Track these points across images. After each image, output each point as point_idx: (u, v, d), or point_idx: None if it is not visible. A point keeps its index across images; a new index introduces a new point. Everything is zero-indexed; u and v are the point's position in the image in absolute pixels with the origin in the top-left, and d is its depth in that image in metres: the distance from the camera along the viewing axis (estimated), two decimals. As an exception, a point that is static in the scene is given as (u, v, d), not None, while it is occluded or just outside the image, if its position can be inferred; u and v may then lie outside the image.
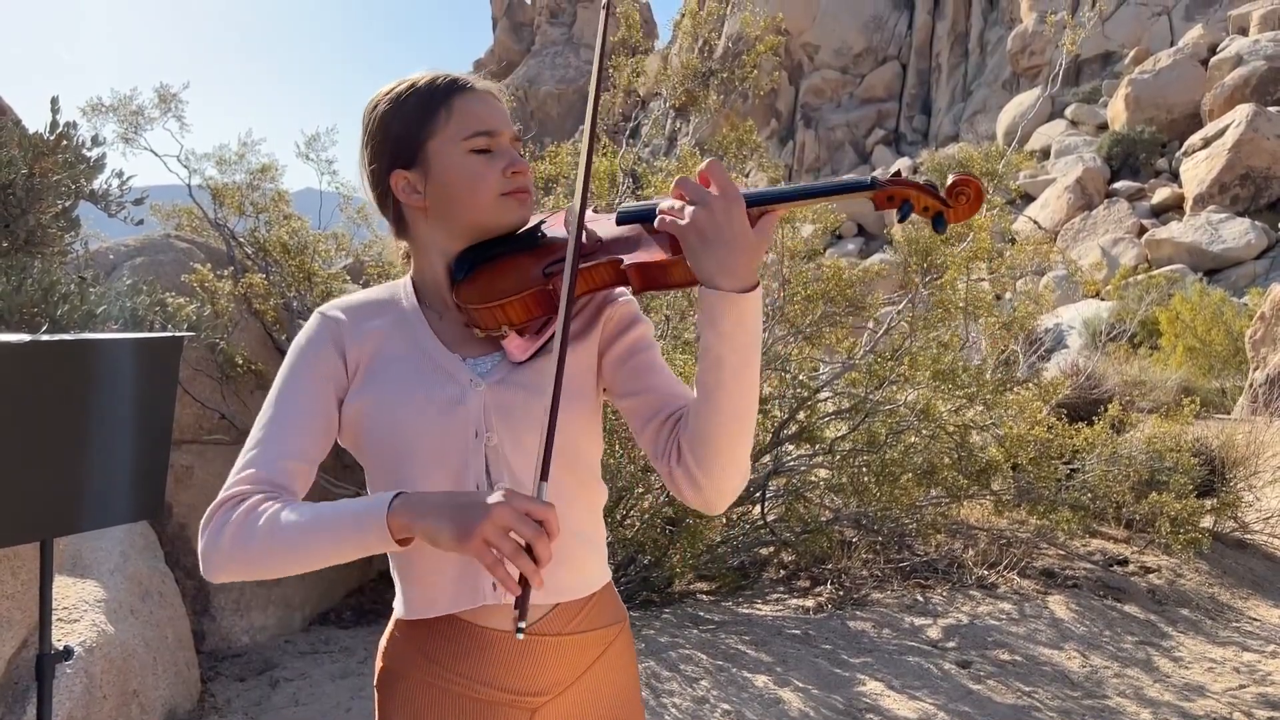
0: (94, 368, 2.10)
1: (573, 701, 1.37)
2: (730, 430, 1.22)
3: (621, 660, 1.43)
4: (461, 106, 1.33)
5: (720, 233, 1.16)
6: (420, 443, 1.28)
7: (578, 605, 1.37)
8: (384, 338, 1.35)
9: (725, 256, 1.16)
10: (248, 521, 1.18)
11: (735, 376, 1.20)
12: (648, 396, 1.33)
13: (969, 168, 6.25)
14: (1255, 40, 29.65)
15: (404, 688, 1.35)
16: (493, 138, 1.33)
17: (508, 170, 1.33)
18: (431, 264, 1.37)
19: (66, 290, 2.61)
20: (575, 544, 1.34)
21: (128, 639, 3.28)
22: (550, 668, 1.34)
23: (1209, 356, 15.72)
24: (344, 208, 5.74)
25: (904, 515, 5.47)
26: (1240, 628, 5.24)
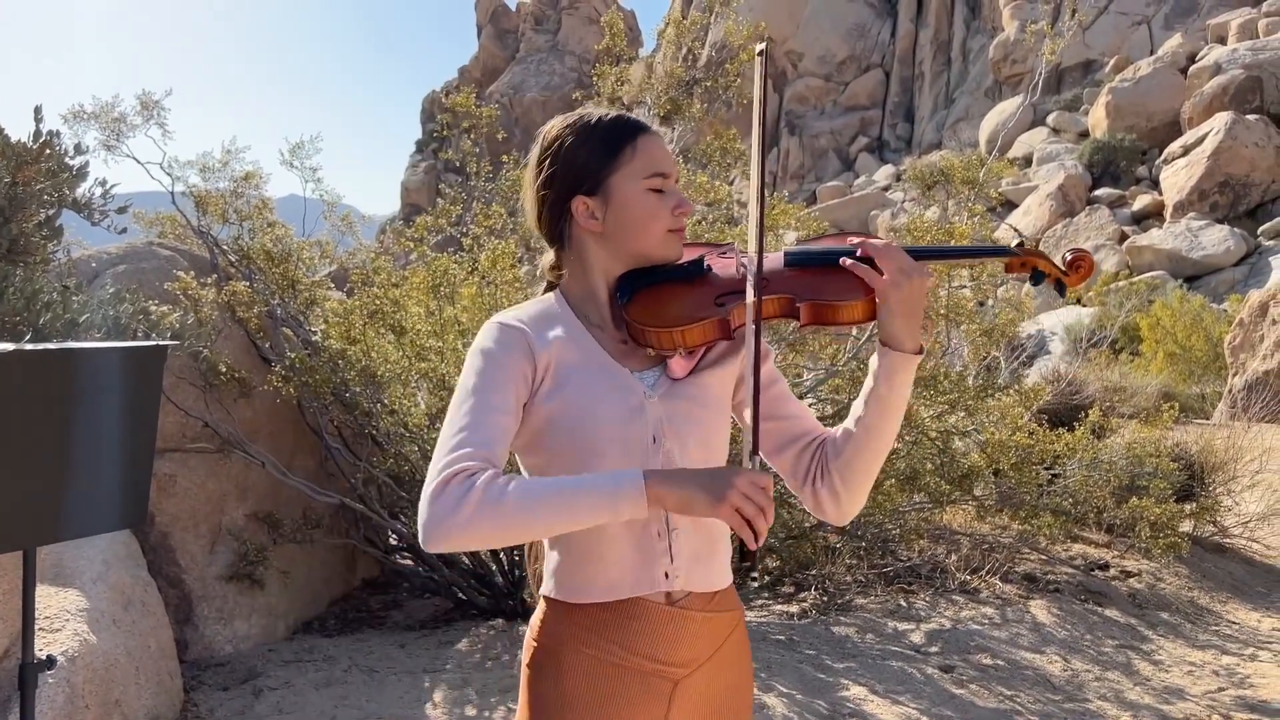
0: (77, 377, 2.10)
1: (706, 676, 1.51)
2: (878, 459, 1.49)
3: (741, 646, 1.59)
4: (644, 147, 1.50)
5: (916, 305, 1.43)
6: (610, 445, 1.44)
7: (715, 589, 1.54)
8: (562, 348, 1.47)
9: (913, 325, 1.43)
10: (490, 491, 1.29)
11: (893, 419, 1.47)
12: (787, 423, 1.56)
13: (950, 175, 6.30)
14: (1233, 49, 29.96)
15: (559, 663, 1.47)
16: (666, 179, 1.50)
17: (676, 210, 1.50)
18: (593, 282, 1.52)
19: (49, 299, 2.61)
20: (719, 539, 1.53)
21: (110, 648, 3.27)
22: (692, 641, 1.49)
23: (1189, 362, 15.86)
24: (328, 215, 5.73)
25: (887, 521, 5.50)
26: (1219, 631, 5.29)
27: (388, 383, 4.93)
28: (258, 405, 4.86)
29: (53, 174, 2.76)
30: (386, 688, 4.03)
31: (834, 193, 38.69)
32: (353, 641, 4.74)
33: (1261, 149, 25.59)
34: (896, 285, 1.41)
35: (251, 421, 4.82)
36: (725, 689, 1.54)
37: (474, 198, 5.67)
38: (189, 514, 4.53)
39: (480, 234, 5.31)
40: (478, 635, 4.65)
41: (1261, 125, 26.05)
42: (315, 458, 5.34)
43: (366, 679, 4.14)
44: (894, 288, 1.41)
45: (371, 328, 4.89)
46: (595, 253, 1.51)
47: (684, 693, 1.49)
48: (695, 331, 1.45)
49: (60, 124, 5.08)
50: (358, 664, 4.32)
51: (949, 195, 6.07)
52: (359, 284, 5.08)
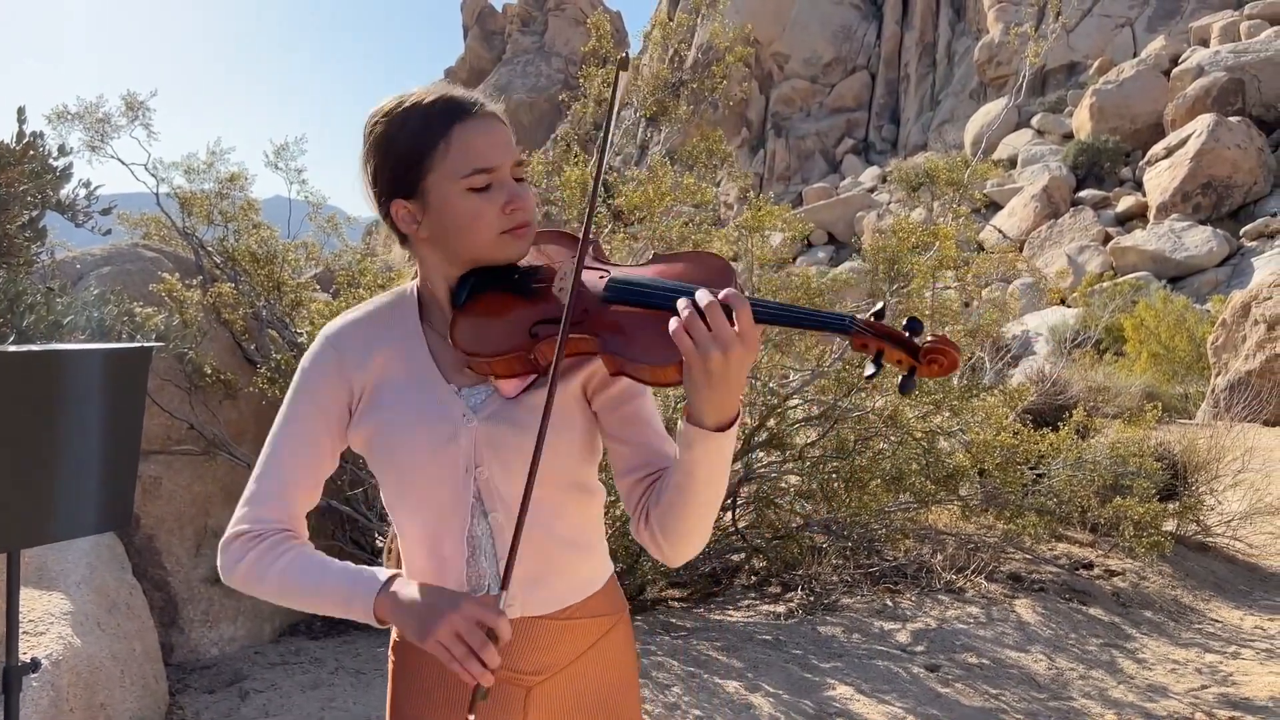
0: (61, 378, 2.10)
1: (565, 683, 1.45)
2: (695, 517, 1.30)
3: (617, 649, 1.50)
4: (460, 139, 1.31)
5: (726, 380, 1.17)
6: (417, 474, 1.36)
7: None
8: (387, 362, 1.39)
9: (721, 399, 1.19)
10: (260, 564, 1.34)
11: (706, 484, 1.27)
12: (633, 448, 1.39)
13: (935, 177, 6.33)
14: (1216, 51, 30.19)
15: (412, 658, 1.45)
16: (492, 173, 1.32)
17: (507, 208, 1.32)
18: (433, 287, 1.40)
19: (33, 300, 2.60)
20: (566, 554, 1.43)
21: (94, 651, 3.25)
22: (546, 650, 1.43)
23: (1172, 362, 15.97)
24: (313, 217, 5.72)
25: (873, 521, 5.52)
26: (1202, 629, 5.34)
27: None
28: (243, 407, 4.84)
29: (36, 175, 2.75)
30: (373, 690, 4.02)
31: (820, 194, 38.80)
32: (339, 644, 4.73)
33: (1244, 150, 25.80)
34: (704, 355, 1.16)
35: (237, 423, 4.80)
36: (596, 693, 1.47)
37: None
38: (174, 516, 4.51)
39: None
40: (465, 637, 4.64)
41: (1244, 127, 26.27)
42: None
43: (353, 681, 4.13)
44: (702, 356, 1.16)
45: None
46: (428, 254, 1.38)
47: (540, 699, 1.44)
48: (501, 364, 1.31)
49: (44, 125, 5.06)
50: (344, 666, 4.31)
51: (934, 197, 6.10)
52: (345, 285, 5.07)
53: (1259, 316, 12.36)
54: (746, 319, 1.17)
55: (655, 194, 5.03)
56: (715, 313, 1.16)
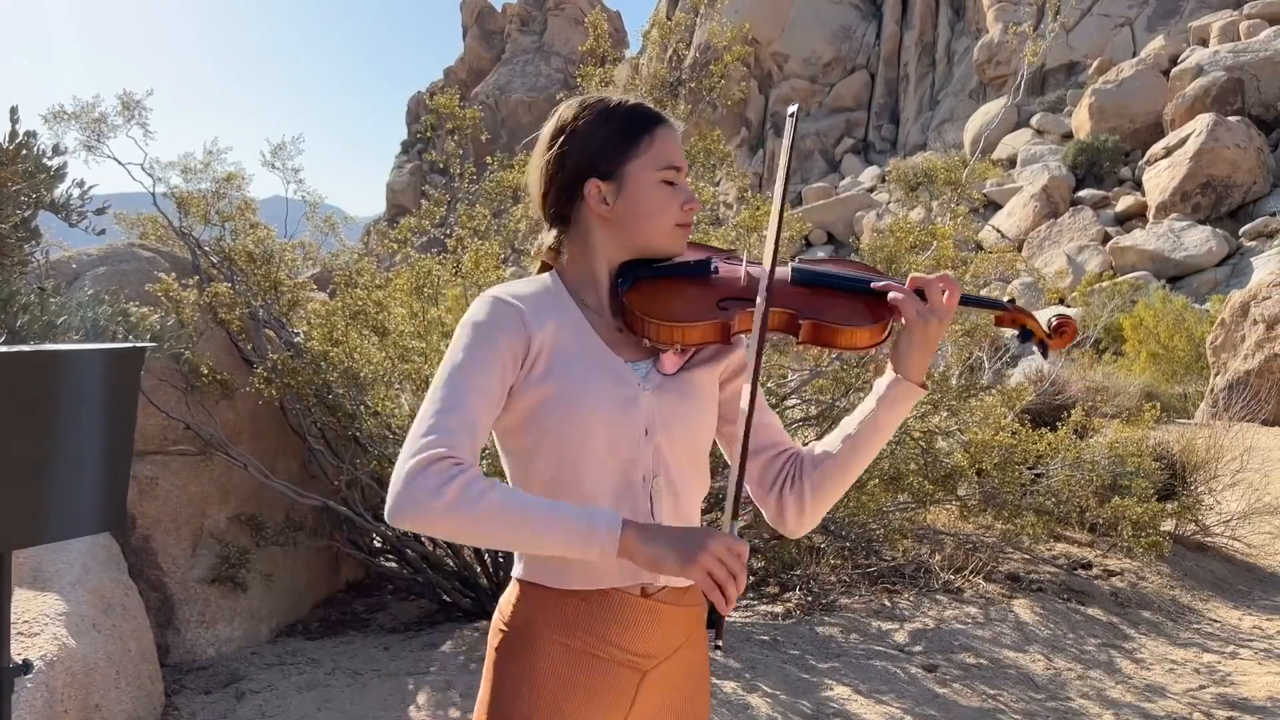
0: (54, 379, 2.09)
1: (670, 668, 1.52)
2: (851, 480, 1.53)
3: (704, 637, 1.59)
4: (661, 138, 1.49)
5: (935, 342, 1.47)
6: (599, 433, 1.42)
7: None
8: (558, 330, 1.45)
9: (927, 360, 1.49)
10: (468, 492, 1.27)
11: (879, 444, 1.52)
12: (763, 429, 1.57)
13: (933, 176, 6.32)
14: (1215, 51, 30.18)
15: (529, 646, 1.46)
16: (679, 173, 1.50)
17: (686, 205, 1.50)
18: (595, 266, 1.50)
19: (26, 300, 2.59)
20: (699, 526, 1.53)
21: (89, 652, 3.25)
22: (664, 635, 1.49)
23: (1172, 362, 15.96)
24: (310, 216, 5.70)
25: (871, 521, 5.51)
26: (1200, 629, 5.33)
27: (371, 384, 4.91)
28: (240, 407, 4.84)
29: (29, 175, 2.74)
30: (370, 690, 4.02)
31: (820, 194, 38.78)
32: (336, 644, 4.72)
33: (1243, 150, 25.79)
34: (928, 320, 1.45)
35: (234, 424, 4.80)
36: (687, 680, 1.56)
37: (458, 199, 5.66)
38: (170, 517, 4.50)
39: (464, 235, 5.30)
40: (462, 637, 4.64)
41: (1243, 127, 26.24)
42: (298, 460, 5.31)
43: (350, 682, 4.12)
44: (926, 321, 1.45)
45: (354, 329, 4.87)
46: (600, 237, 1.49)
47: (650, 683, 1.50)
48: (696, 331, 1.46)
49: (40, 124, 5.06)
50: (341, 667, 4.31)
51: (932, 196, 6.10)
52: (342, 285, 5.06)
53: (1258, 316, 12.34)
54: (954, 298, 1.47)
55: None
56: (935, 289, 1.46)
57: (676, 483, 1.49)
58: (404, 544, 5.05)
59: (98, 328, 2.83)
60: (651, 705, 1.51)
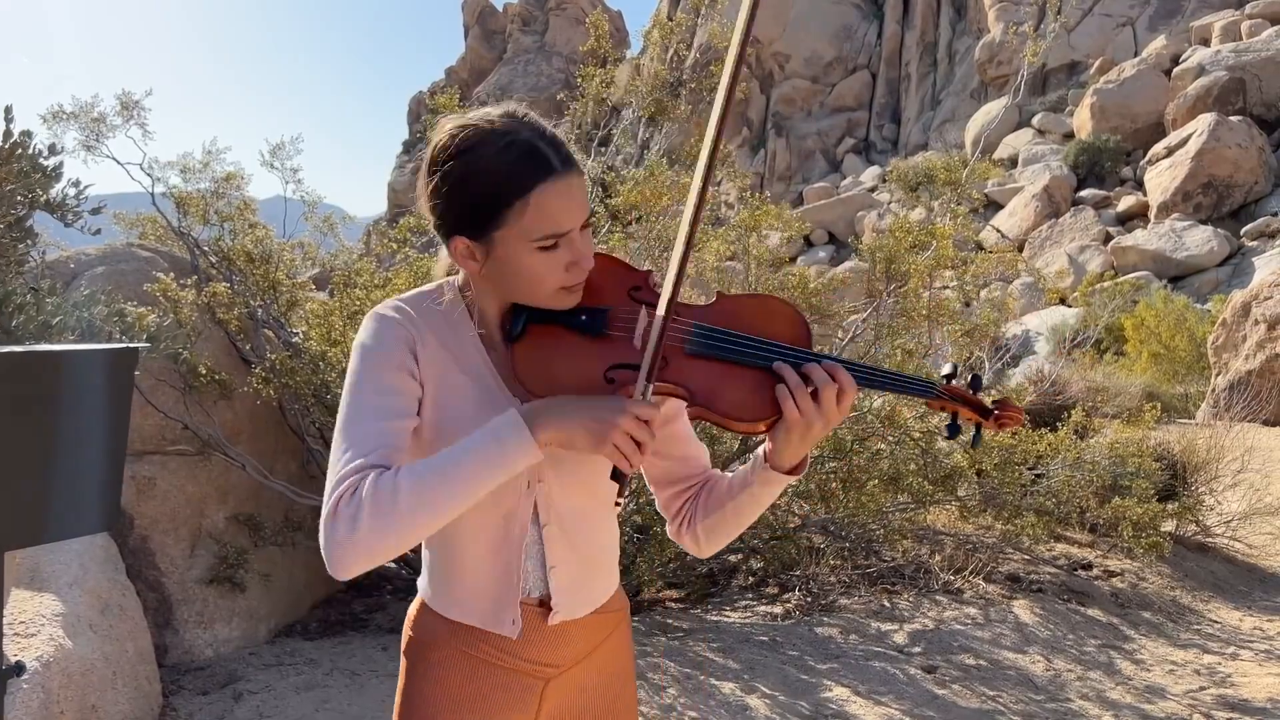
0: (49, 379, 2.08)
1: (579, 675, 1.51)
2: (740, 529, 1.51)
3: (623, 643, 1.58)
4: (540, 201, 1.28)
5: (814, 440, 1.34)
6: None
7: None
8: (448, 356, 1.38)
9: (804, 452, 1.36)
10: (381, 493, 1.20)
11: (761, 507, 1.46)
12: (676, 462, 1.53)
13: (933, 176, 6.31)
14: (1216, 51, 30.16)
15: (432, 654, 1.47)
16: (564, 236, 1.31)
17: (570, 267, 1.32)
18: (484, 301, 1.41)
19: (22, 301, 2.58)
20: (602, 560, 1.52)
21: (86, 653, 3.24)
22: (568, 644, 1.48)
23: (1173, 362, 15.94)
24: (309, 216, 5.69)
25: (871, 521, 5.50)
26: (1201, 630, 5.32)
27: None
28: (238, 407, 4.83)
29: (24, 175, 2.73)
30: (368, 691, 4.01)
31: (820, 194, 38.78)
32: (335, 644, 4.71)
33: (1245, 150, 25.77)
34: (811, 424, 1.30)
35: (232, 424, 4.79)
36: (602, 681, 1.54)
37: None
38: (169, 517, 4.49)
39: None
40: (460, 638, 4.63)
41: (1245, 126, 26.23)
42: (297, 460, 5.31)
43: (348, 682, 4.12)
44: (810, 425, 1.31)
45: (352, 329, 4.87)
46: (479, 285, 1.40)
47: (556, 689, 1.49)
48: None
49: (39, 124, 5.05)
50: (339, 667, 4.30)
51: (932, 196, 6.08)
52: (341, 285, 5.06)
53: (1259, 316, 12.33)
54: (848, 402, 1.32)
55: (652, 194, 5.02)
56: (829, 392, 1.30)
57: (573, 530, 1.44)
58: (403, 544, 5.04)
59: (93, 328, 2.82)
60: (561, 708, 1.50)
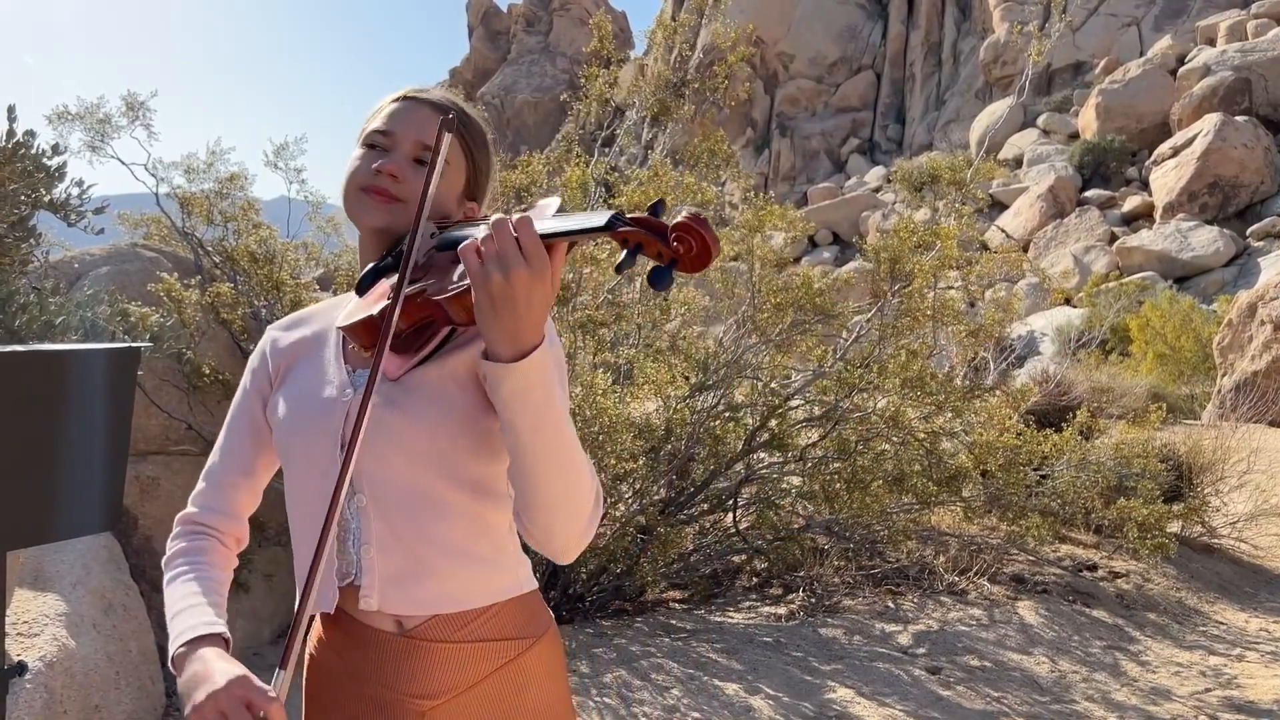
0: (49, 379, 2.08)
1: (466, 710, 1.32)
2: (548, 489, 1.19)
3: (529, 677, 1.36)
4: (392, 110, 1.38)
5: (513, 303, 1.09)
6: (295, 447, 1.34)
7: (467, 616, 1.32)
8: (302, 345, 1.42)
9: (511, 326, 1.10)
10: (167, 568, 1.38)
11: (535, 437, 1.16)
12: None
13: (939, 176, 6.30)
14: (1222, 51, 30.09)
15: (317, 673, 1.41)
16: (388, 137, 1.35)
17: (376, 167, 1.32)
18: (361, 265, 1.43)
19: (25, 300, 2.58)
20: (444, 560, 1.30)
21: (89, 653, 3.24)
22: (437, 673, 1.31)
23: (1179, 363, 15.90)
24: (313, 217, 5.70)
25: (875, 522, 5.49)
26: (1207, 631, 5.30)
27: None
28: (242, 408, 4.83)
29: (28, 174, 2.73)
30: (371, 691, 4.01)
31: (825, 194, 38.75)
32: (338, 645, 4.72)
33: (1250, 150, 25.70)
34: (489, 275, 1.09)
35: (236, 424, 4.79)
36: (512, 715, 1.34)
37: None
38: (173, 517, 4.47)
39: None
40: (464, 638, 4.63)
41: (1250, 127, 26.16)
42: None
43: (351, 683, 4.12)
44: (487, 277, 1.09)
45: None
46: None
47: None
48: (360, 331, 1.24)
49: (45, 125, 5.06)
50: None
51: (936, 196, 6.08)
52: (344, 286, 5.06)
53: (1265, 317, 12.29)
54: (529, 235, 1.09)
55: (656, 193, 5.01)
56: (501, 230, 1.09)
57: (389, 501, 1.27)
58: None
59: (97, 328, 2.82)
60: None
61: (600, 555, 4.72)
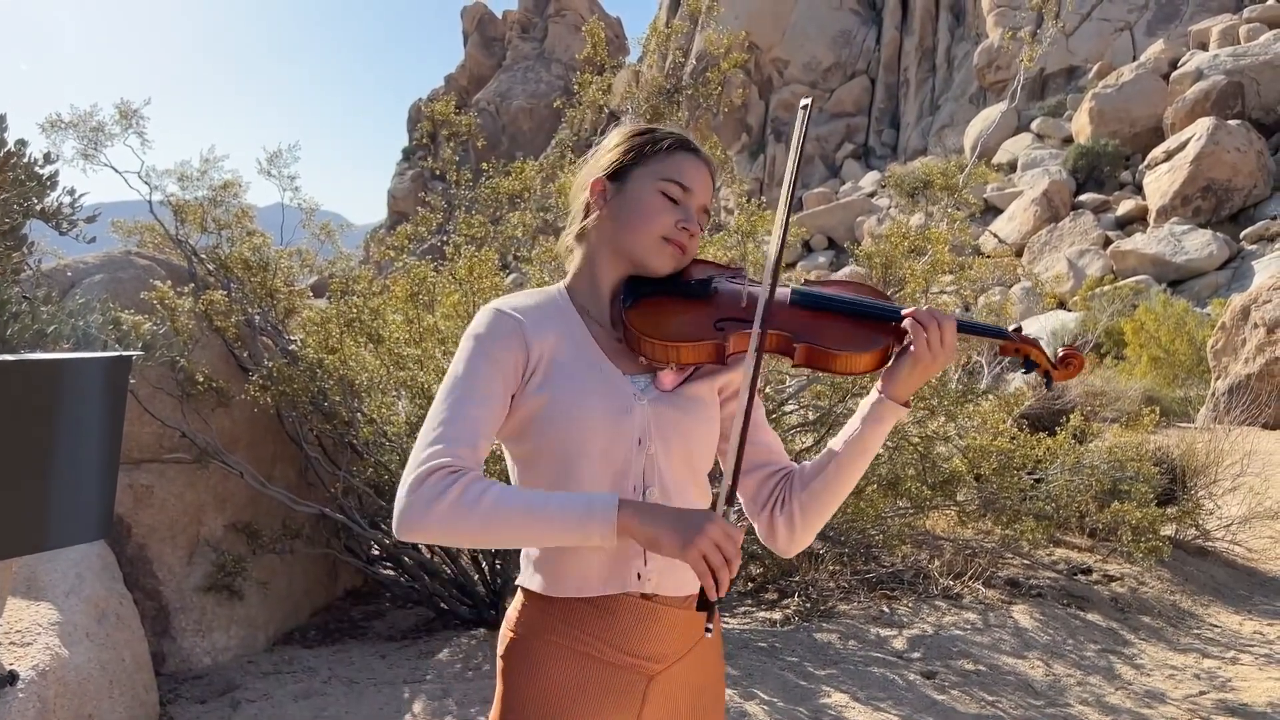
0: (39, 387, 2.08)
1: (681, 673, 1.53)
2: (839, 499, 1.54)
3: (715, 644, 1.61)
4: (676, 157, 1.55)
5: (931, 372, 1.49)
6: (593, 442, 1.45)
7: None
8: (558, 341, 1.50)
9: (918, 385, 1.50)
10: (467, 494, 1.32)
11: (865, 463, 1.52)
12: (757, 449, 1.59)
13: (931, 180, 6.31)
14: (1215, 55, 30.18)
15: (536, 653, 1.49)
16: (685, 193, 1.54)
17: (679, 223, 1.53)
18: (596, 279, 1.56)
19: (17, 309, 2.58)
20: None
21: (83, 662, 3.24)
22: (668, 637, 1.50)
23: (1173, 366, 15.92)
24: (306, 224, 5.70)
25: (870, 527, 5.49)
26: (1201, 634, 5.31)
27: (366, 391, 4.91)
28: (236, 415, 4.83)
29: (19, 183, 2.73)
30: (366, 699, 4.00)
31: (820, 199, 38.79)
32: (333, 652, 4.71)
33: (1243, 154, 25.77)
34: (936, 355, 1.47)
35: (230, 431, 4.79)
36: (698, 685, 1.56)
37: (455, 206, 5.66)
38: (166, 525, 4.49)
39: (461, 243, 5.30)
40: (459, 645, 4.63)
41: (1243, 130, 26.23)
42: (295, 467, 5.31)
43: (346, 690, 4.11)
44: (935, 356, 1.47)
45: (349, 336, 4.87)
46: (599, 245, 1.55)
47: (659, 687, 1.50)
48: (690, 351, 1.48)
49: (38, 133, 5.06)
50: (337, 675, 4.30)
51: (929, 201, 6.09)
52: (339, 293, 5.06)
53: (1258, 320, 12.32)
54: (953, 336, 1.49)
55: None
56: (949, 327, 1.48)
57: (671, 493, 1.49)
58: (401, 551, 5.04)
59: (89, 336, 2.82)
60: (662, 710, 1.52)
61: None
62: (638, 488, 1.47)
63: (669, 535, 1.29)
